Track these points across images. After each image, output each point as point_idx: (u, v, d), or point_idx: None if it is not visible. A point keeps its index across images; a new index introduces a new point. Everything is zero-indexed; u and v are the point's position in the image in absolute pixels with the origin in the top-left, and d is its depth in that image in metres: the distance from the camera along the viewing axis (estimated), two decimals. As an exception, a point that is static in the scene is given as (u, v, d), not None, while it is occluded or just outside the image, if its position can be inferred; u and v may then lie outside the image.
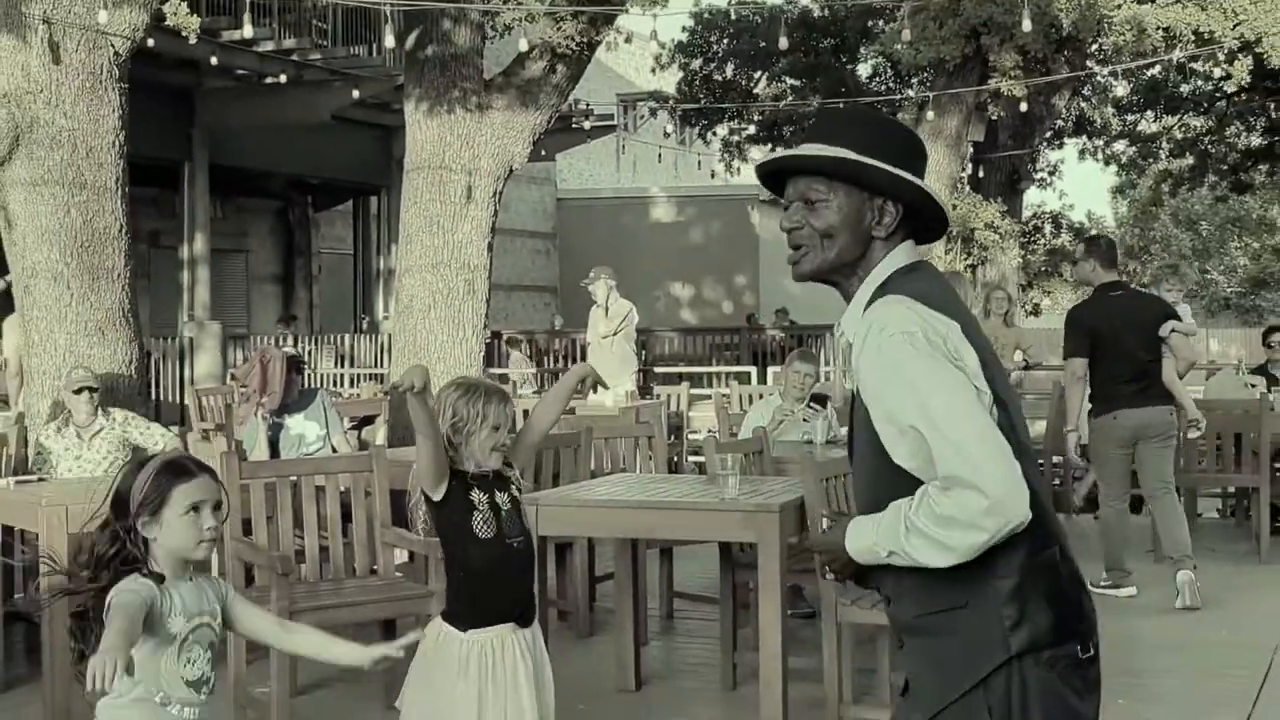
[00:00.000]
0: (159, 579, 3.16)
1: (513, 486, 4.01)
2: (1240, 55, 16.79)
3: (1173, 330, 8.04)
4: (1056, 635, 2.51)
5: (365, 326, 22.16)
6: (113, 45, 8.18)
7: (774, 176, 2.72)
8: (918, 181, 2.58)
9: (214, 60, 16.49)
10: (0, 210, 8.01)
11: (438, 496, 3.90)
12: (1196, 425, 9.26)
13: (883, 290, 2.56)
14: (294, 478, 5.98)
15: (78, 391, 7.13)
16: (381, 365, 18.40)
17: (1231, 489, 11.25)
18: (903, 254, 2.62)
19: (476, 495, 3.91)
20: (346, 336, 20.92)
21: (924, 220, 2.66)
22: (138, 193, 10.32)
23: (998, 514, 2.39)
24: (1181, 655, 6.88)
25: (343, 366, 19.76)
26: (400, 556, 7.01)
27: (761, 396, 10.64)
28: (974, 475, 2.38)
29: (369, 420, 11.15)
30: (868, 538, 2.54)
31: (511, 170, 10.37)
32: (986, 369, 2.51)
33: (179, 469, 3.24)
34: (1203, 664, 6.73)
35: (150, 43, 11.13)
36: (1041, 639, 2.49)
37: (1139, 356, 8.01)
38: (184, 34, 12.39)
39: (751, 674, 5.89)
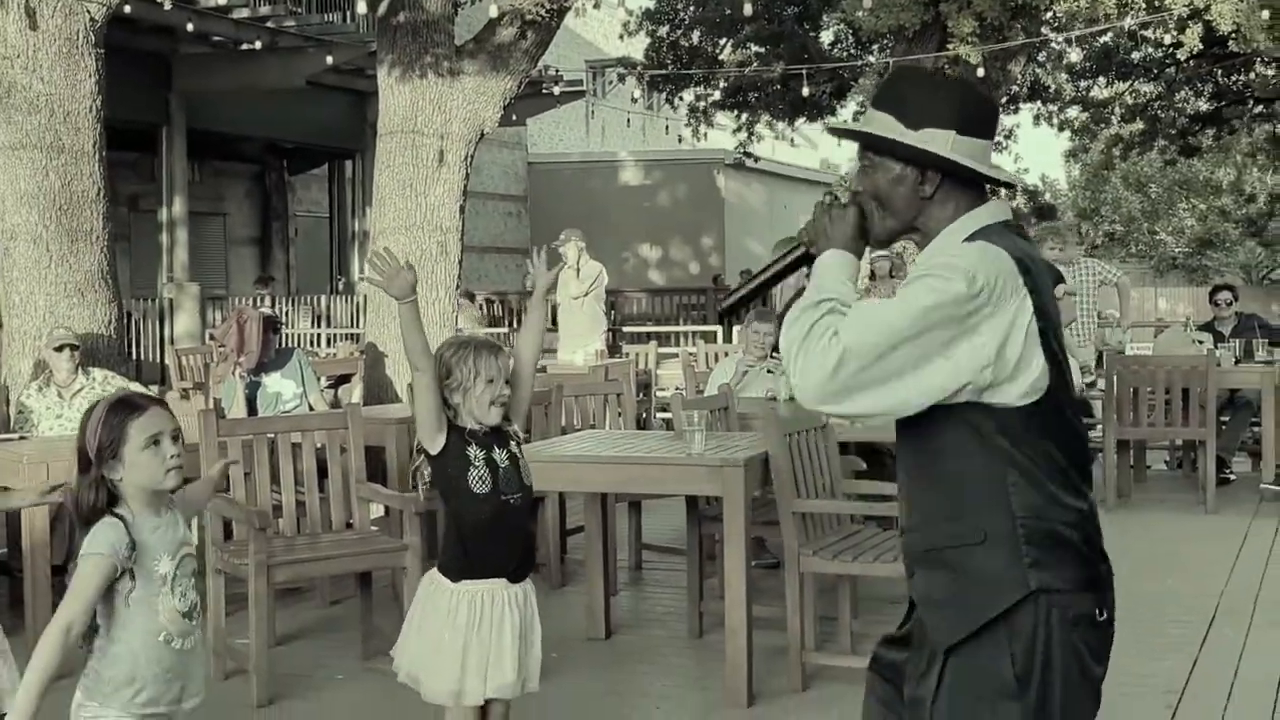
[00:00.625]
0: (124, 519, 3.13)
1: (512, 443, 3.96)
2: (1190, 23, 16.78)
3: (1065, 293, 8.42)
4: (1076, 584, 2.49)
5: (341, 287, 22.06)
6: (89, 11, 8.09)
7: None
8: (940, 152, 2.55)
9: (190, 26, 16.31)
10: (-24, 173, 7.93)
11: (435, 450, 3.86)
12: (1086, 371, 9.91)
13: (976, 237, 2.54)
14: (271, 435, 5.96)
15: (59, 349, 7.08)
16: (357, 325, 18.33)
17: (1179, 442, 11.33)
18: (986, 212, 2.59)
19: (473, 451, 3.86)
20: (323, 297, 20.82)
21: (984, 179, 2.63)
22: (116, 156, 10.23)
23: (815, 378, 2.41)
24: (1131, 603, 6.86)
25: (319, 326, 19.68)
26: (376, 511, 7.01)
27: (726, 354, 10.65)
28: (840, 340, 2.40)
29: (345, 379, 11.13)
30: (822, 276, 2.58)
31: (483, 134, 10.29)
32: (1052, 341, 2.47)
33: (129, 405, 3.19)
34: (1151, 612, 6.78)
35: (127, 9, 11.01)
36: (1060, 583, 2.47)
37: None
38: (159, 0, 12.25)
39: (717, 622, 5.93)
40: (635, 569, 7.77)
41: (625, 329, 19.82)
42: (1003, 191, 2.73)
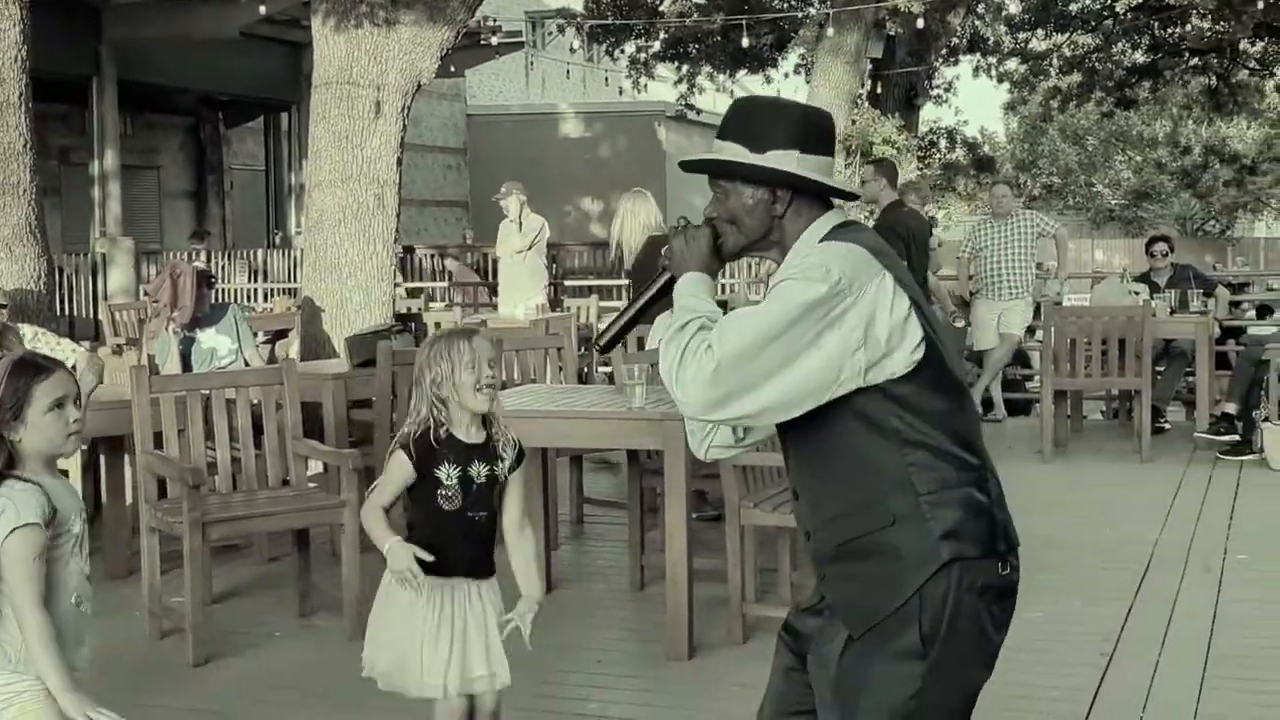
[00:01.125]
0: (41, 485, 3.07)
1: (498, 463, 3.79)
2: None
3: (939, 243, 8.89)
4: (983, 547, 2.58)
5: (278, 242, 21.83)
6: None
7: None
8: (785, 168, 2.68)
9: (119, -25, 16.04)
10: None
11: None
12: (956, 317, 10.65)
13: (830, 238, 2.67)
14: (205, 391, 5.88)
15: None
16: (294, 280, 18.14)
17: (1115, 392, 11.44)
18: (833, 217, 2.73)
19: (445, 470, 3.72)
20: (259, 251, 20.58)
21: (830, 192, 2.77)
22: (44, 109, 10.05)
23: (697, 387, 2.50)
24: (1068, 551, 6.99)
25: (256, 281, 19.47)
26: (315, 468, 6.95)
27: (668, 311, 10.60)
28: (719, 362, 2.49)
29: (282, 334, 11.00)
30: (685, 296, 2.67)
31: (420, 86, 10.17)
32: (919, 311, 2.58)
33: (34, 367, 3.11)
34: (1088, 560, 6.86)
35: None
36: (969, 549, 2.56)
37: (920, 266, 8.85)
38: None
39: (658, 575, 5.92)
40: (576, 523, 7.75)
41: (567, 283, 19.74)
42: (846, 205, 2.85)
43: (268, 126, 23.33)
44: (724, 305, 2.91)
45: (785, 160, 2.67)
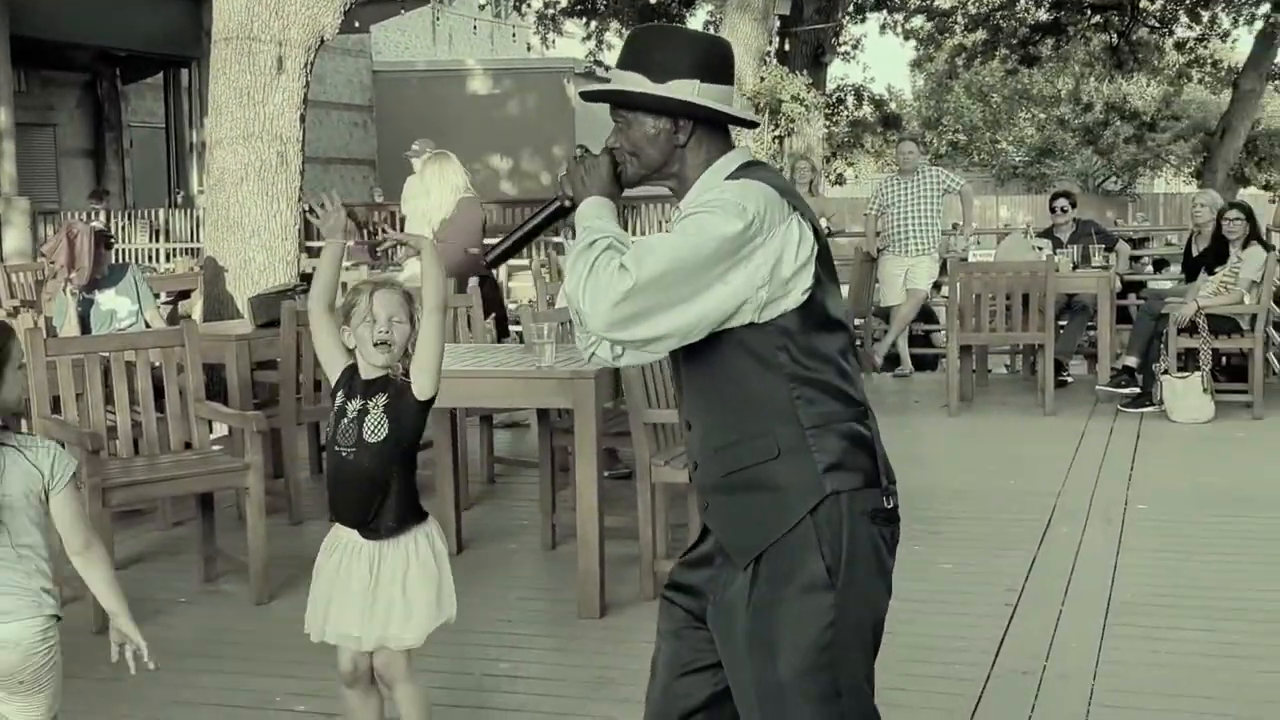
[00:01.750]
0: None
1: (381, 395, 3.67)
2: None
3: None
4: (865, 479, 2.64)
5: (179, 201, 21.45)
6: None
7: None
8: (684, 96, 2.70)
9: (12, -73, 15.61)
10: None
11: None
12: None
13: (737, 175, 2.70)
14: (104, 354, 5.77)
15: None
16: (196, 240, 17.86)
17: (1019, 346, 11.58)
18: (740, 155, 2.77)
19: (340, 397, 3.70)
20: (160, 211, 20.24)
21: (729, 119, 2.79)
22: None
23: (606, 301, 2.51)
24: (974, 503, 7.11)
25: (158, 241, 19.16)
26: (220, 430, 6.85)
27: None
28: (632, 270, 2.51)
29: (185, 295, 10.84)
30: (588, 218, 2.68)
31: (323, 41, 10.02)
32: (819, 253, 2.65)
33: (8, 329, 3.17)
34: (993, 511, 6.96)
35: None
36: (852, 480, 2.62)
37: None
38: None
39: (570, 534, 5.95)
40: (488, 483, 7.73)
41: (483, 240, 19.57)
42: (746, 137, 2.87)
43: (168, 83, 22.86)
44: None
45: (686, 89, 2.69)
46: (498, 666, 4.90)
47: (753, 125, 3.00)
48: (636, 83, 2.72)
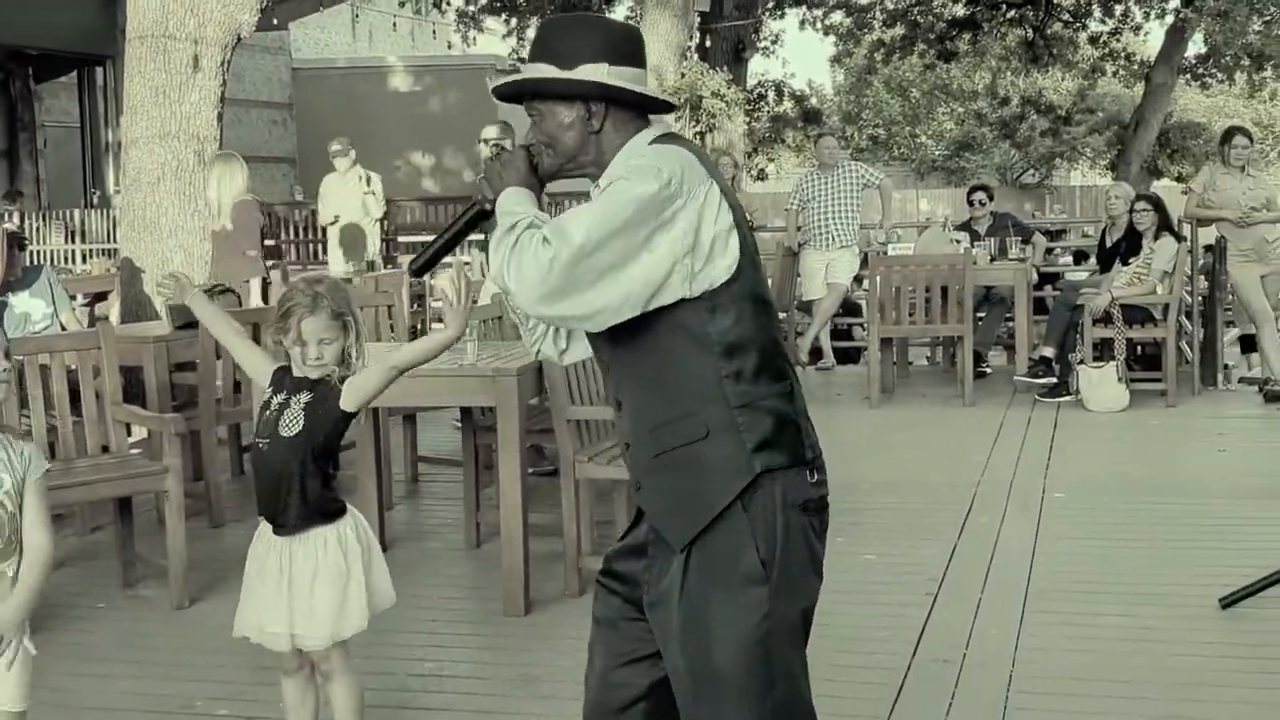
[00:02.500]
0: None
1: (305, 392, 3.68)
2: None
3: None
4: (792, 457, 2.65)
5: (96, 201, 21.13)
6: None
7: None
8: (596, 79, 2.69)
9: (-81, -76, 15.31)
10: None
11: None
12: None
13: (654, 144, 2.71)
14: (18, 357, 5.65)
15: None
16: (113, 241, 17.59)
17: (939, 338, 11.68)
18: (655, 129, 2.76)
19: (269, 392, 3.71)
20: (76, 212, 19.93)
21: (647, 103, 2.79)
22: None
23: (535, 275, 2.50)
24: (895, 494, 7.16)
25: (74, 242, 18.87)
26: (139, 434, 6.76)
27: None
28: (560, 241, 2.50)
29: (102, 297, 10.66)
30: (508, 205, 2.67)
31: (240, 39, 9.91)
32: (739, 230, 2.64)
33: None
34: (914, 502, 7.03)
35: None
36: (779, 459, 2.62)
37: None
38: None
39: (494, 532, 5.93)
40: (411, 482, 7.68)
41: (400, 239, 19.48)
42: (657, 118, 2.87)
43: (82, 81, 22.52)
44: None
45: (595, 73, 2.69)
46: (422, 666, 4.87)
47: (668, 108, 2.97)
48: (545, 71, 2.72)
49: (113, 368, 5.80)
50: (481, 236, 8.29)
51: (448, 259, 3.09)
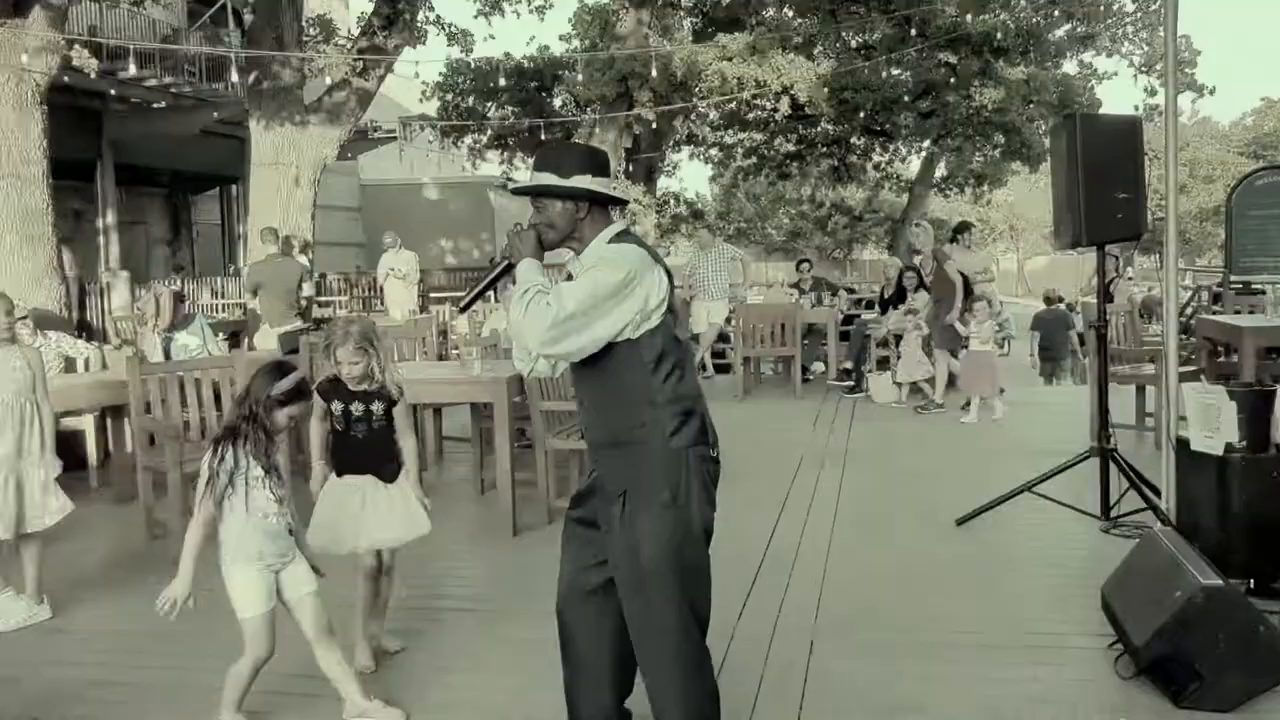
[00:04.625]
0: None
1: (375, 402, 3.64)
2: (782, 95, 17.31)
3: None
4: (698, 439, 2.64)
5: (231, 272, 20.76)
6: (35, 80, 7.36)
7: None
8: (584, 186, 2.68)
9: (113, 91, 15.05)
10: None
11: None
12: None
13: (616, 240, 2.68)
14: (180, 374, 5.59)
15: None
16: (241, 297, 17.33)
17: (780, 357, 11.74)
18: (619, 225, 2.74)
19: (336, 405, 3.61)
20: (219, 278, 19.54)
21: (611, 199, 2.77)
22: (63, 183, 9.37)
23: (541, 329, 2.50)
24: (755, 455, 7.10)
25: (215, 299, 18.49)
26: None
27: (493, 311, 10.51)
28: (557, 307, 2.50)
29: (235, 334, 10.52)
30: (524, 274, 2.63)
31: (325, 165, 9.87)
32: (669, 294, 2.64)
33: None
34: (767, 459, 6.98)
35: (66, 78, 10.03)
36: (691, 439, 2.62)
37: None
38: (87, 72, 11.19)
39: (493, 484, 5.88)
40: (438, 452, 7.61)
41: (431, 295, 19.28)
42: (620, 211, 2.87)
43: (222, 194, 22.14)
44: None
45: (583, 181, 2.68)
46: (449, 567, 4.85)
47: (624, 204, 2.96)
48: (550, 179, 2.69)
49: (242, 380, 5.72)
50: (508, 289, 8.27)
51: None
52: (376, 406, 3.66)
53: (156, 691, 3.54)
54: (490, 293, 2.94)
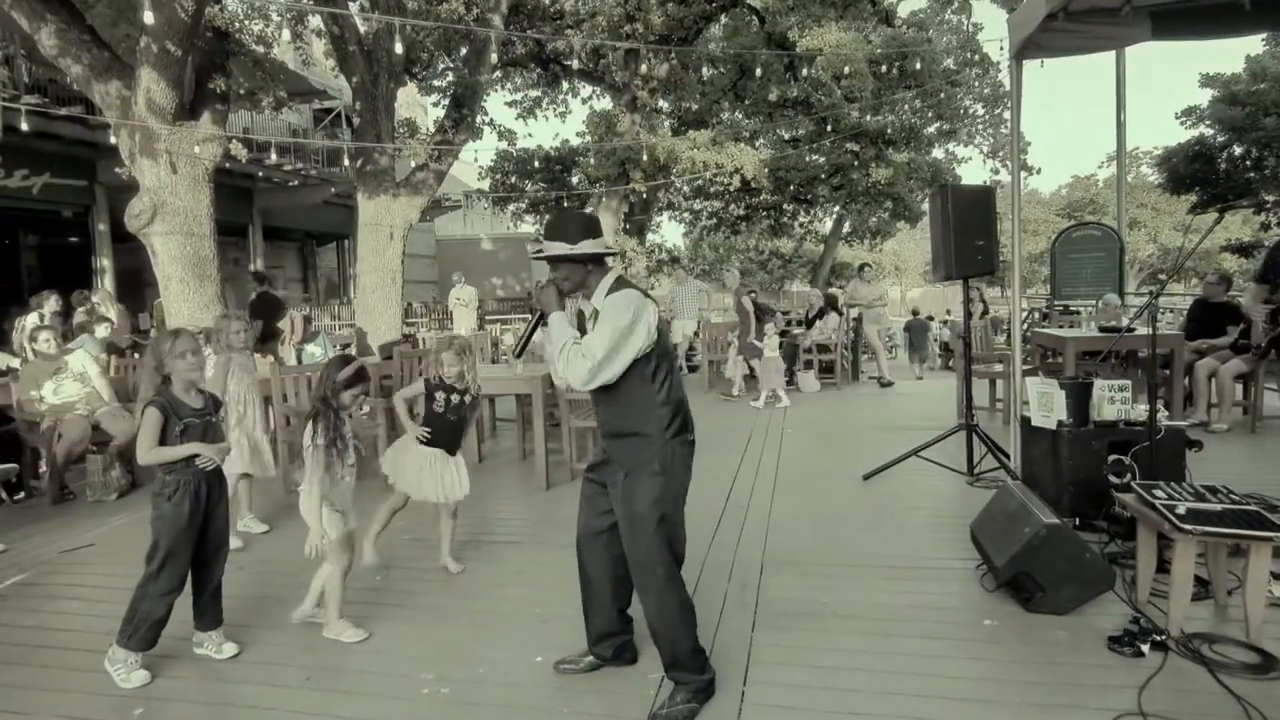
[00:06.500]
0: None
1: (465, 394, 3.67)
2: (734, 174, 17.26)
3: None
4: (682, 430, 2.61)
5: (345, 301, 20.67)
6: (204, 164, 7.26)
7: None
8: (589, 250, 2.62)
9: (260, 173, 14.94)
10: (150, 247, 7.06)
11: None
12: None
13: (616, 287, 2.61)
14: (308, 374, 5.50)
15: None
16: (352, 319, 17.23)
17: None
18: (615, 273, 2.69)
19: (440, 394, 3.61)
20: (336, 304, 19.46)
21: (609, 255, 2.73)
22: (225, 239, 9.25)
23: (582, 375, 2.48)
24: (714, 433, 6.90)
25: (334, 320, 18.42)
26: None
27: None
28: (590, 357, 2.47)
29: (347, 347, 10.43)
30: (557, 330, 2.57)
31: (411, 225, 9.79)
32: (660, 333, 2.60)
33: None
34: (723, 436, 6.81)
35: (227, 164, 9.94)
36: (679, 429, 2.59)
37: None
38: (241, 159, 11.10)
39: (531, 452, 5.82)
40: (493, 429, 7.52)
41: (487, 317, 19.18)
42: (612, 260, 2.84)
43: (338, 247, 22.03)
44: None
45: (586, 245, 2.61)
46: (498, 511, 4.76)
47: (616, 254, 2.92)
48: (561, 247, 2.63)
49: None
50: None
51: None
52: (465, 399, 3.66)
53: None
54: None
